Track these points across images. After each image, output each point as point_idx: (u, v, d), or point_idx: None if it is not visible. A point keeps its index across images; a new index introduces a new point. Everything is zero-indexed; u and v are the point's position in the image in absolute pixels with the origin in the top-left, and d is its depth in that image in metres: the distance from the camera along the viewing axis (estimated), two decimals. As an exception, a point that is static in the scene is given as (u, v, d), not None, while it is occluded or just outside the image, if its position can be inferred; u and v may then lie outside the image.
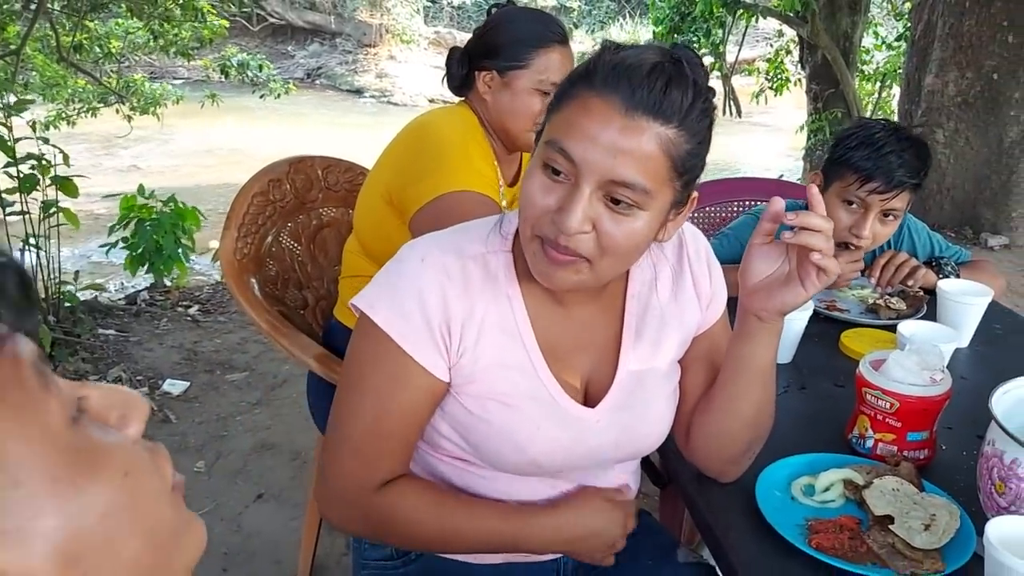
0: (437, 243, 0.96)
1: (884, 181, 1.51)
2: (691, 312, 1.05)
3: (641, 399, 1.02)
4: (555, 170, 0.85)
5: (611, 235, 0.86)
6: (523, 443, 0.97)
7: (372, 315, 0.92)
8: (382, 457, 0.96)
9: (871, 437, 1.12)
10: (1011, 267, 4.36)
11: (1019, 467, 0.92)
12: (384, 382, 0.93)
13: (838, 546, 0.95)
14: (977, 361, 1.45)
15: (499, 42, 1.53)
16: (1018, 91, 4.41)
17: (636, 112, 0.82)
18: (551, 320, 0.98)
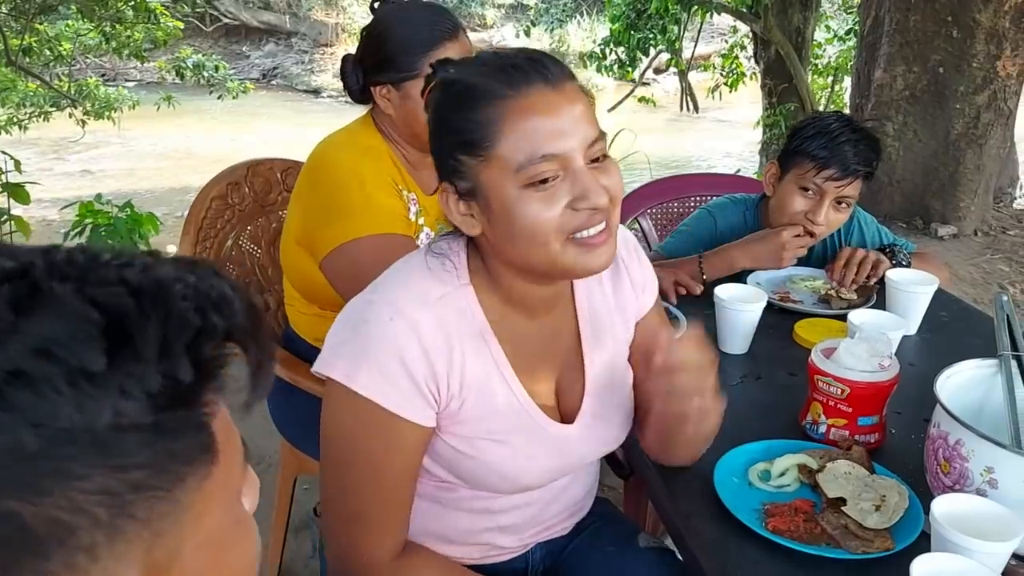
0: (398, 296, 0.92)
1: (839, 169, 1.57)
2: (628, 299, 1.08)
3: (609, 403, 1.05)
4: (543, 180, 0.85)
5: (611, 186, 0.89)
6: (513, 473, 0.99)
7: (352, 385, 0.89)
8: (392, 524, 0.96)
9: (824, 423, 1.16)
10: (959, 256, 4.49)
11: (963, 447, 0.96)
12: (380, 449, 0.92)
13: (793, 528, 0.99)
14: (925, 347, 1.50)
15: (387, 53, 1.45)
16: (963, 84, 4.54)
17: (559, 82, 0.86)
18: (522, 339, 0.99)
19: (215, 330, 0.38)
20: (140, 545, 0.36)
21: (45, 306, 0.34)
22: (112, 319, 0.35)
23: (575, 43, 12.64)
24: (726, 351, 1.43)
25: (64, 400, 0.33)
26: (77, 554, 0.34)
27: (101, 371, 0.34)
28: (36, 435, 0.33)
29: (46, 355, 0.33)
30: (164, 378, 0.35)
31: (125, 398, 0.35)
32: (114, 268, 0.37)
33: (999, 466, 0.93)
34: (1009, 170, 5.51)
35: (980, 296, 4.03)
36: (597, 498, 1.26)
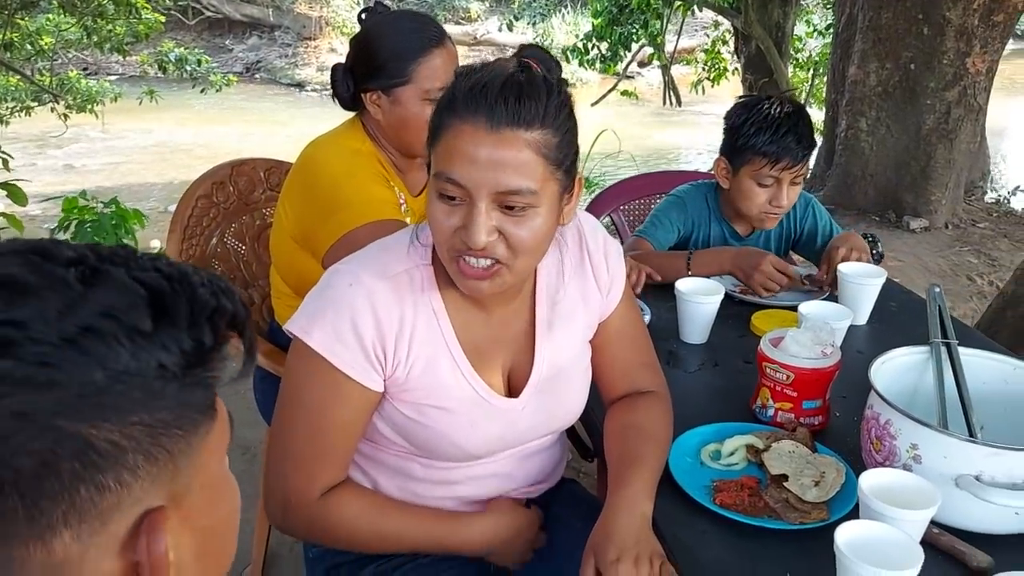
0: (362, 266, 1.03)
1: (791, 159, 1.68)
2: (594, 298, 1.16)
3: (558, 383, 1.13)
4: (450, 196, 0.94)
5: (517, 236, 0.95)
6: (459, 440, 1.07)
7: (307, 340, 0.99)
8: (323, 468, 1.04)
9: (772, 406, 1.25)
10: (929, 248, 4.61)
11: (891, 427, 1.06)
12: (321, 400, 1.02)
13: (739, 502, 1.08)
14: (873, 336, 1.59)
15: (377, 61, 1.51)
16: (933, 81, 4.64)
17: (500, 127, 0.92)
18: (472, 323, 1.07)
19: (225, 311, 0.49)
20: (167, 473, 0.46)
21: (105, 282, 0.45)
22: (154, 295, 0.46)
23: (559, 37, 12.68)
24: (687, 341, 1.52)
25: (124, 349, 0.44)
26: (124, 472, 0.44)
27: (149, 331, 0.45)
28: (104, 375, 0.43)
29: (110, 316, 0.44)
30: (192, 340, 0.46)
31: (167, 352, 0.45)
32: (148, 260, 0.48)
33: (923, 443, 1.02)
34: (980, 164, 5.64)
35: (949, 287, 4.15)
36: (566, 479, 1.34)
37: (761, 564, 1.00)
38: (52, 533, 0.42)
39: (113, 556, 0.45)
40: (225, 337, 0.49)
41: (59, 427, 0.42)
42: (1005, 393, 1.17)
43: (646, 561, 0.99)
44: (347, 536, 1.08)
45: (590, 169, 6.11)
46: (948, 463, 1.00)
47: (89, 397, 0.42)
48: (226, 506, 0.54)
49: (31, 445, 0.41)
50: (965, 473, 0.98)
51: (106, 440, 0.42)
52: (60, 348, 0.42)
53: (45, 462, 0.41)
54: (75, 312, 0.43)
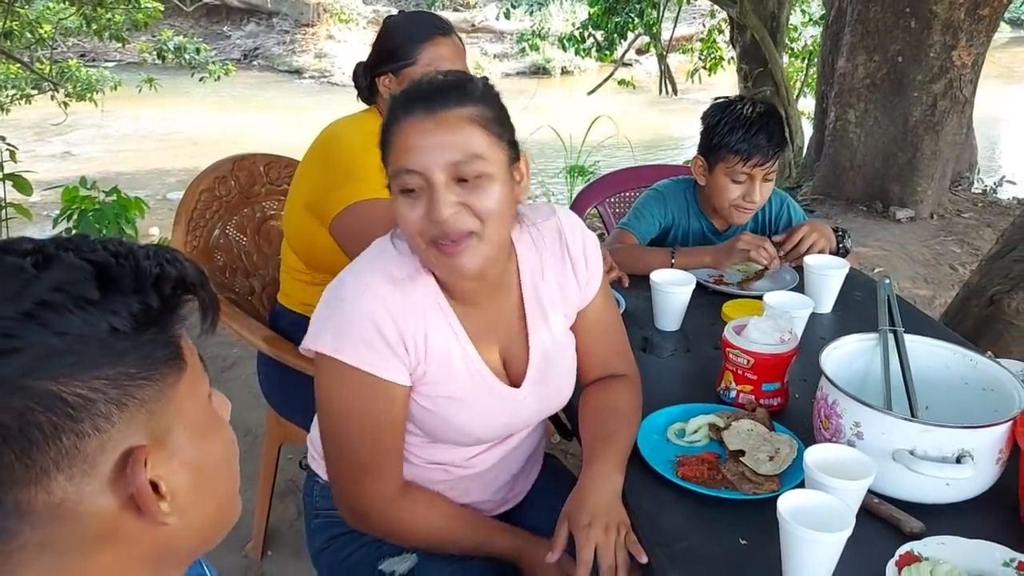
0: (367, 274, 1.11)
1: (762, 156, 1.78)
2: (572, 291, 1.26)
3: (552, 372, 1.24)
4: (409, 190, 1.04)
5: (479, 204, 1.04)
6: (469, 427, 1.18)
7: (339, 356, 1.07)
8: (389, 468, 1.15)
9: (734, 389, 1.35)
10: (914, 238, 4.70)
11: (838, 406, 1.16)
12: (370, 408, 1.10)
13: (699, 475, 1.18)
14: (836, 324, 1.69)
15: (390, 47, 1.69)
16: (920, 73, 4.73)
17: (437, 111, 1.03)
18: (471, 314, 1.16)
19: (170, 276, 0.57)
20: (141, 417, 0.54)
21: (56, 264, 0.53)
22: (100, 269, 0.54)
23: (556, 24, 12.71)
24: (661, 328, 1.62)
25: (75, 316, 0.52)
26: (98, 419, 0.52)
27: (96, 298, 0.53)
28: (60, 340, 0.51)
29: (60, 290, 0.52)
30: (139, 304, 0.54)
31: (115, 315, 0.53)
32: (99, 243, 0.56)
33: (864, 421, 1.12)
34: (968, 155, 5.73)
35: (931, 275, 4.26)
36: (548, 456, 1.45)
37: (717, 530, 1.10)
38: (47, 477, 0.51)
39: (107, 492, 0.53)
40: (178, 299, 0.57)
41: (29, 386, 0.50)
42: (947, 376, 1.27)
43: (614, 528, 1.10)
44: (421, 533, 1.18)
45: (584, 158, 6.20)
46: (886, 439, 1.10)
47: (50, 358, 0.50)
48: (216, 444, 0.62)
49: (9, 403, 0.49)
50: (901, 448, 1.09)
51: (74, 394, 0.51)
52: (19, 321, 0.50)
53: (25, 417, 0.49)
54: (30, 291, 0.51)
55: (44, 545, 0.52)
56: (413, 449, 1.21)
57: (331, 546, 1.28)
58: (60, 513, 0.52)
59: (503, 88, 1.14)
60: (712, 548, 1.07)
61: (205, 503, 0.59)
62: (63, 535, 0.52)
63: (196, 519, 0.59)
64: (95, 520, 0.53)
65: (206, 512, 0.60)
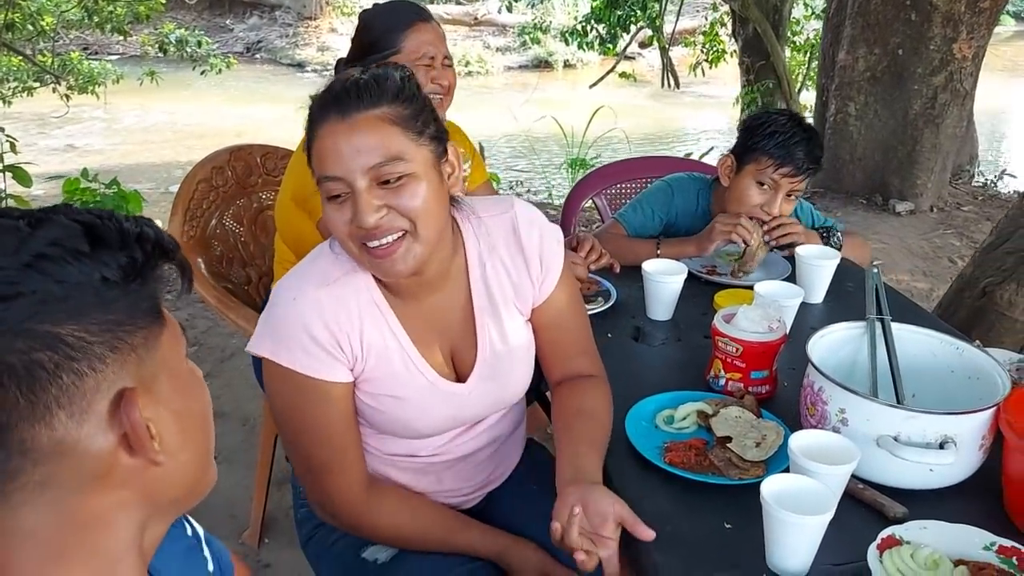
0: (302, 279, 1.12)
1: (794, 167, 1.77)
2: (526, 289, 1.24)
3: (502, 366, 1.22)
4: (335, 196, 1.04)
5: (405, 205, 1.04)
6: (412, 423, 1.18)
7: (277, 360, 1.08)
8: (349, 462, 1.15)
9: (723, 376, 1.37)
10: (914, 231, 4.70)
11: (823, 393, 1.17)
12: (313, 409, 1.11)
13: (686, 461, 1.19)
14: (827, 314, 1.70)
15: (370, 38, 1.69)
16: (920, 66, 4.72)
17: (350, 113, 1.02)
18: (412, 313, 1.16)
19: (149, 236, 0.61)
20: (132, 361, 0.59)
21: (48, 223, 0.57)
22: (88, 228, 0.58)
23: (559, 17, 12.69)
24: (652, 317, 1.63)
25: (71, 266, 0.56)
26: (94, 360, 0.56)
27: (88, 251, 0.57)
28: (59, 286, 0.55)
29: (56, 244, 0.56)
30: (126, 257, 0.59)
31: (106, 267, 0.58)
32: (83, 208, 0.61)
33: (849, 408, 1.13)
34: (968, 148, 5.72)
35: (930, 268, 4.26)
36: (533, 444, 1.46)
37: (702, 515, 1.11)
38: (50, 414, 0.54)
39: (104, 431, 0.57)
40: (155, 258, 0.61)
41: (32, 328, 0.54)
42: (934, 364, 1.28)
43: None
44: (391, 531, 1.19)
45: (586, 151, 6.20)
46: (870, 425, 1.11)
47: (50, 303, 0.55)
48: (196, 398, 0.66)
49: (14, 344, 0.53)
50: (885, 434, 1.10)
51: (72, 335, 0.55)
52: (21, 271, 0.54)
53: (29, 356, 0.53)
54: (28, 245, 0.55)
55: (45, 483, 0.56)
56: (370, 441, 1.21)
57: (316, 534, 1.29)
58: (61, 450, 0.55)
59: (505, 82, 1.14)
60: (697, 532, 1.08)
61: (189, 450, 0.63)
62: (63, 472, 0.56)
63: (181, 464, 0.62)
64: (92, 458, 0.57)
65: (189, 459, 0.64)
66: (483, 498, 1.35)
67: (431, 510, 1.23)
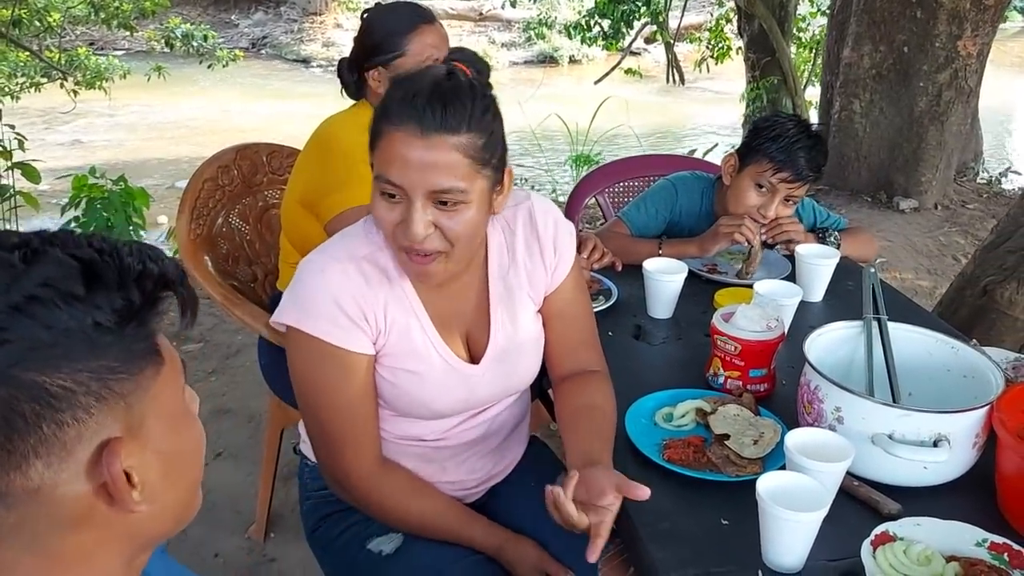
0: (330, 254, 1.16)
1: (793, 172, 1.78)
2: (540, 276, 1.28)
3: (512, 352, 1.26)
4: (390, 195, 1.07)
5: (451, 228, 1.08)
6: (427, 401, 1.21)
7: (304, 328, 1.12)
8: (364, 434, 1.19)
9: (722, 375, 1.38)
10: (918, 228, 4.70)
11: (819, 392, 1.19)
12: (335, 380, 1.15)
13: (684, 458, 1.21)
14: (827, 312, 1.71)
15: (374, 40, 1.70)
16: (926, 64, 4.72)
17: (429, 133, 1.03)
18: (434, 296, 1.20)
19: (152, 273, 0.59)
20: (119, 409, 0.57)
21: (43, 259, 0.55)
22: (85, 265, 0.56)
23: (563, 12, 12.67)
24: (653, 316, 1.65)
25: (62, 311, 0.54)
26: (78, 410, 0.54)
27: (82, 295, 0.55)
28: (48, 333, 0.53)
29: (48, 286, 0.54)
30: (122, 300, 0.56)
31: (100, 311, 0.55)
32: (84, 238, 0.58)
33: (845, 406, 1.15)
34: (973, 146, 5.72)
35: (934, 267, 4.26)
36: (536, 441, 1.48)
37: (699, 511, 1.13)
38: (27, 463, 0.53)
39: (82, 479, 0.55)
40: (158, 296, 0.59)
41: (16, 376, 0.52)
42: (930, 363, 1.30)
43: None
44: (397, 512, 1.22)
45: (591, 147, 6.21)
46: (866, 423, 1.13)
47: (38, 350, 0.52)
48: (187, 436, 0.64)
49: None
50: (880, 432, 1.12)
51: (58, 385, 0.53)
52: (9, 314, 0.52)
53: (9, 405, 0.51)
54: (19, 285, 0.53)
55: (20, 526, 0.55)
56: (383, 424, 1.24)
57: (322, 526, 1.32)
58: (36, 497, 0.54)
59: (511, 78, 1.16)
60: (694, 528, 1.10)
61: (173, 491, 0.62)
62: (39, 517, 0.55)
63: (164, 506, 0.61)
64: (69, 504, 0.55)
65: (174, 499, 0.63)
66: (485, 492, 1.37)
67: (437, 498, 1.26)
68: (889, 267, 4.17)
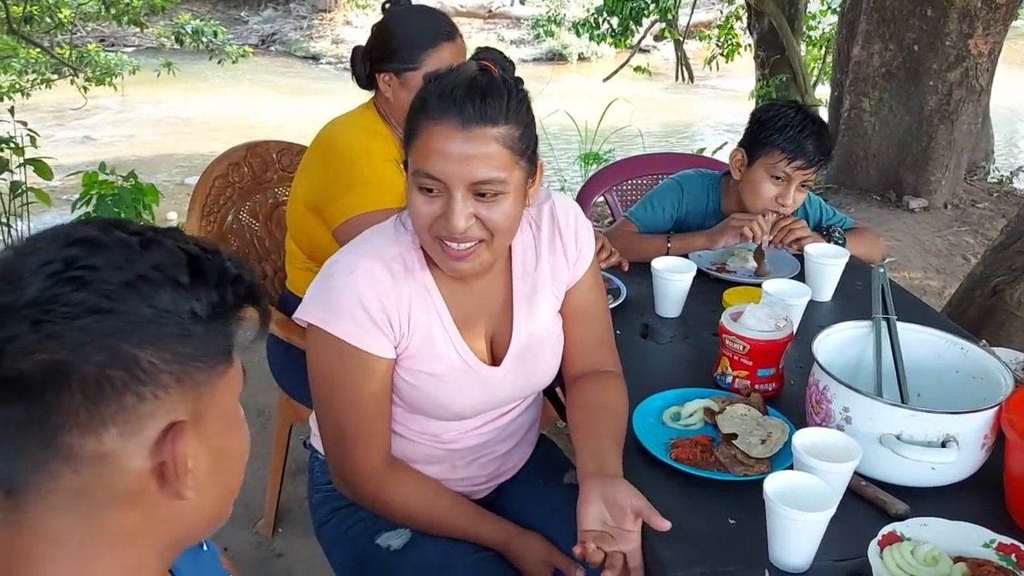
0: (358, 254, 1.17)
1: (805, 160, 1.80)
2: (562, 271, 1.29)
3: (533, 351, 1.27)
4: (428, 189, 1.08)
5: (491, 219, 1.09)
6: (447, 403, 1.22)
7: (327, 328, 1.13)
8: (373, 440, 1.20)
9: (730, 374, 1.39)
10: (928, 228, 4.68)
11: (828, 392, 1.19)
12: (353, 380, 1.15)
13: (691, 457, 1.21)
14: (836, 312, 1.71)
15: (393, 46, 1.70)
16: (936, 62, 4.69)
17: (470, 125, 1.05)
18: (459, 296, 1.21)
19: (243, 280, 0.64)
20: (191, 397, 0.61)
21: (158, 246, 0.60)
22: (192, 259, 0.61)
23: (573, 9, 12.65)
24: (661, 314, 1.65)
25: (166, 293, 0.58)
26: (159, 388, 0.58)
27: (187, 283, 0.60)
28: (150, 311, 0.58)
29: (158, 270, 0.59)
30: (218, 296, 0.61)
31: (198, 302, 0.60)
32: (192, 238, 0.64)
33: (853, 406, 1.15)
34: (984, 145, 5.69)
35: (943, 266, 4.25)
36: (544, 439, 1.48)
37: (706, 510, 1.13)
38: (104, 428, 0.56)
39: (145, 455, 0.59)
40: (243, 301, 0.64)
41: (115, 346, 0.56)
42: (939, 364, 1.30)
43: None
44: (403, 510, 1.23)
45: (600, 145, 6.20)
46: (873, 423, 1.13)
47: (137, 325, 0.57)
48: (237, 439, 0.68)
49: (95, 356, 0.55)
50: (888, 432, 1.12)
51: (148, 360, 0.57)
52: (120, 287, 0.57)
53: (104, 371, 0.56)
54: (133, 264, 0.58)
55: (80, 492, 0.58)
56: (400, 419, 1.25)
57: (331, 520, 1.33)
58: (102, 464, 0.58)
59: (520, 74, 1.15)
60: (701, 527, 1.10)
61: (216, 489, 0.65)
62: (100, 485, 0.58)
63: (206, 502, 0.64)
64: (128, 478, 0.59)
65: (215, 498, 0.66)
66: (493, 490, 1.38)
67: (444, 495, 1.26)
68: (898, 266, 4.15)
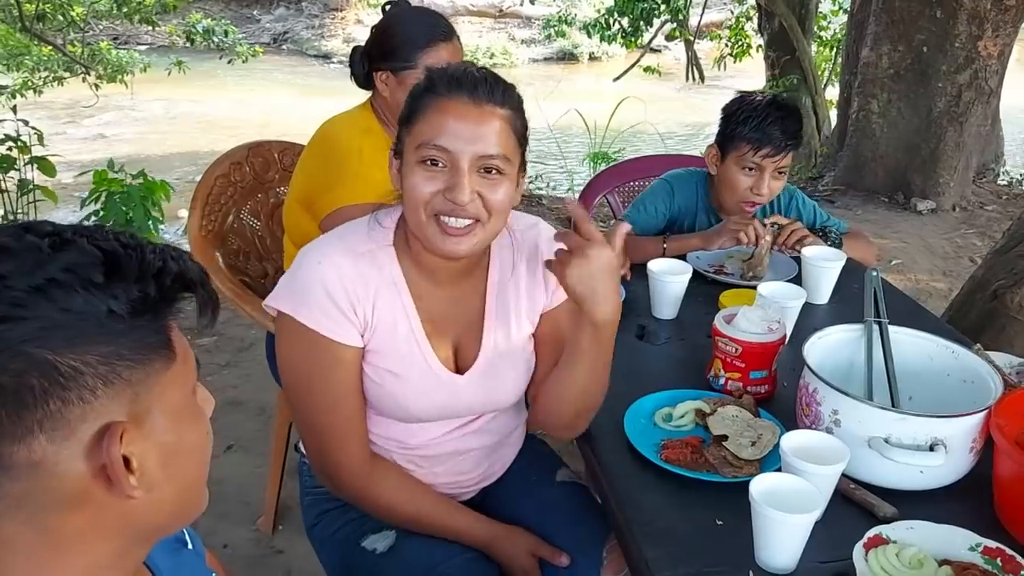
0: (329, 246, 1.18)
1: (773, 147, 1.81)
2: (540, 295, 1.28)
3: (500, 368, 1.26)
4: (433, 161, 1.09)
5: (492, 198, 1.11)
6: (407, 404, 1.22)
7: (297, 316, 1.13)
8: (351, 427, 1.20)
9: (723, 376, 1.39)
10: (935, 230, 4.67)
11: (818, 394, 1.19)
12: (327, 369, 1.16)
13: (682, 458, 1.22)
14: (832, 315, 1.71)
15: (391, 45, 1.72)
16: (945, 64, 4.68)
17: (483, 102, 1.09)
18: (429, 299, 1.21)
19: (171, 271, 0.62)
20: (126, 396, 0.59)
21: (70, 247, 0.58)
22: (108, 256, 0.59)
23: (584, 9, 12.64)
24: (658, 316, 1.66)
25: (79, 295, 0.57)
26: (84, 391, 0.57)
27: (101, 282, 0.58)
28: (62, 315, 0.56)
29: (69, 271, 0.57)
30: (139, 292, 0.60)
31: (115, 299, 0.58)
32: (113, 233, 0.61)
33: (842, 409, 1.15)
34: (993, 147, 5.65)
35: (949, 268, 4.23)
36: (532, 436, 1.49)
37: (695, 511, 1.14)
38: (31, 436, 0.56)
39: (82, 459, 0.57)
40: (175, 292, 0.62)
41: (29, 352, 0.55)
42: (930, 368, 1.30)
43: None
44: (388, 506, 1.24)
45: (610, 145, 6.20)
46: (862, 426, 1.13)
47: (51, 330, 0.56)
48: (191, 433, 0.66)
49: (9, 365, 0.54)
50: (876, 435, 1.12)
51: (67, 365, 0.56)
52: (29, 293, 0.55)
53: (21, 379, 0.55)
54: (43, 268, 0.56)
55: (23, 499, 0.57)
56: (368, 424, 1.25)
57: (320, 522, 1.34)
58: (38, 471, 0.57)
59: (530, 74, 1.21)
60: (688, 528, 1.11)
61: (172, 485, 0.64)
62: (39, 491, 0.57)
63: (162, 498, 0.63)
64: (68, 482, 0.58)
65: (172, 493, 0.64)
66: (479, 492, 1.38)
67: (427, 492, 1.27)
68: (904, 268, 4.14)
